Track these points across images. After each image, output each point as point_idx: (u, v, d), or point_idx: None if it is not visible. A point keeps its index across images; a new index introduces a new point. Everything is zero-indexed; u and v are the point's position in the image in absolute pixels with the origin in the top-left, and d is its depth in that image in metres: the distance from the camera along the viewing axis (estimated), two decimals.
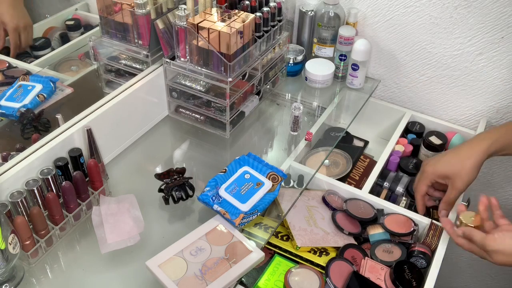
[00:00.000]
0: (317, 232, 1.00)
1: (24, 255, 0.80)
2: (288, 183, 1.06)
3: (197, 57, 1.04)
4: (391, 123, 1.32)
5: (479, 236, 0.81)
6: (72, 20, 1.33)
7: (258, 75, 1.15)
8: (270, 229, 0.92)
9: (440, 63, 1.23)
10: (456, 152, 0.97)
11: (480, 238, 0.81)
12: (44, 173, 0.85)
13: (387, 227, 0.99)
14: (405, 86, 1.31)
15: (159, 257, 0.80)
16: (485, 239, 0.80)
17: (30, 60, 1.20)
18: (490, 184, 1.35)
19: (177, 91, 1.12)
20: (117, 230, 0.84)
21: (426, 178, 1.00)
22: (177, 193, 0.92)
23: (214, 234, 0.86)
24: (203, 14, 1.03)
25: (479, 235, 0.81)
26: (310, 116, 1.21)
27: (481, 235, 0.81)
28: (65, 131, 0.91)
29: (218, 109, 1.09)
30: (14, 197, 0.80)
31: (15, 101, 0.99)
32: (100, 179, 0.91)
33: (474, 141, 0.97)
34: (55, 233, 0.84)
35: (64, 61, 1.22)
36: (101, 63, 1.13)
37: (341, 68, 1.29)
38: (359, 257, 0.97)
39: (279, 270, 0.94)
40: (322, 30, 1.28)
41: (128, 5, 1.02)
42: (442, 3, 1.14)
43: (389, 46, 1.27)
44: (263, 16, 1.07)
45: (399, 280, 0.89)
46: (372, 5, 1.23)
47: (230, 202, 0.88)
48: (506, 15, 1.09)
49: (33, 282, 0.80)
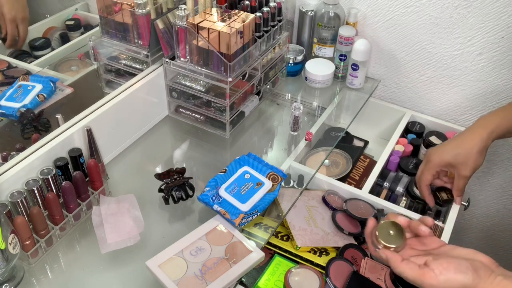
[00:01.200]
0: (317, 232, 1.00)
1: (24, 255, 0.80)
2: (288, 183, 1.06)
3: (197, 57, 1.04)
4: (391, 123, 1.32)
5: (411, 273, 0.61)
6: (72, 20, 1.33)
7: (258, 75, 1.15)
8: (270, 229, 0.92)
9: (440, 63, 1.23)
10: (460, 139, 0.95)
11: (413, 275, 0.60)
12: (44, 173, 0.85)
13: None
14: (405, 86, 1.31)
15: (159, 257, 0.80)
16: (423, 278, 0.59)
17: (30, 60, 1.20)
18: (490, 184, 1.35)
19: (177, 91, 1.12)
20: (117, 230, 0.84)
21: (432, 168, 0.98)
22: (177, 193, 0.92)
23: (214, 234, 0.86)
24: (203, 14, 1.03)
25: (410, 271, 0.61)
26: (310, 116, 1.21)
27: (414, 272, 0.60)
28: (65, 131, 0.91)
29: (218, 109, 1.09)
30: (14, 197, 0.80)
31: (15, 101, 0.99)
32: (100, 179, 0.91)
33: (477, 127, 0.94)
34: (55, 233, 0.84)
35: (64, 61, 1.22)
36: (101, 63, 1.13)
37: (341, 68, 1.29)
38: (359, 257, 0.97)
39: (279, 270, 0.94)
40: (322, 30, 1.28)
41: (128, 5, 1.02)
42: (442, 3, 1.14)
43: (389, 46, 1.27)
44: (263, 16, 1.07)
45: (399, 280, 0.89)
46: (372, 5, 1.23)
47: (230, 202, 0.88)
48: (506, 15, 1.09)
49: (33, 282, 0.80)
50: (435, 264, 0.59)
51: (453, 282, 0.58)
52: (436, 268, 0.59)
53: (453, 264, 0.59)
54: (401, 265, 0.62)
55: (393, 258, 0.63)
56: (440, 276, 0.58)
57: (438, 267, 0.59)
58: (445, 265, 0.59)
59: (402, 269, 0.62)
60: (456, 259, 0.59)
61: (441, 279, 0.58)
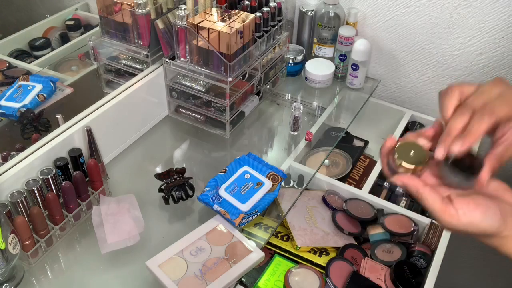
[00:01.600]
0: (317, 232, 1.00)
1: (24, 255, 0.80)
2: (288, 183, 1.06)
3: (197, 57, 1.04)
4: (391, 123, 1.32)
5: (432, 203, 0.52)
6: (72, 20, 1.33)
7: (258, 75, 1.15)
8: (270, 229, 0.92)
9: (440, 63, 1.23)
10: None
11: (433, 207, 0.52)
12: (44, 173, 0.85)
13: (387, 227, 0.99)
14: (405, 86, 1.31)
15: (159, 257, 0.80)
16: (443, 214, 0.52)
17: (30, 60, 1.20)
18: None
19: (177, 91, 1.12)
20: (117, 230, 0.84)
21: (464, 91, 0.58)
22: (177, 193, 0.92)
23: (214, 234, 0.86)
24: (203, 14, 1.03)
25: (432, 200, 0.52)
26: (310, 116, 1.21)
27: (435, 204, 0.52)
28: (65, 131, 0.91)
29: (218, 109, 1.09)
30: (14, 197, 0.80)
31: (15, 101, 0.99)
32: (100, 179, 0.91)
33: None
34: (55, 233, 0.84)
35: (64, 61, 1.22)
36: (101, 63, 1.13)
37: (341, 68, 1.29)
38: (359, 257, 0.97)
39: (279, 270, 0.94)
40: (322, 30, 1.28)
41: (128, 5, 1.02)
42: (442, 3, 1.14)
43: (389, 46, 1.27)
44: (263, 16, 1.07)
45: (399, 280, 0.89)
46: (372, 5, 1.23)
47: (230, 202, 0.88)
48: (506, 15, 1.09)
49: (33, 282, 0.80)
50: (460, 202, 0.52)
51: (475, 227, 0.51)
52: (461, 208, 0.51)
53: (481, 208, 0.51)
54: (424, 190, 0.53)
55: (415, 180, 0.54)
56: (462, 217, 0.51)
57: (463, 207, 0.51)
58: (472, 207, 0.51)
59: (425, 195, 0.53)
60: (485, 201, 0.52)
61: (463, 220, 0.51)
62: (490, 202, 0.52)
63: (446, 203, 0.52)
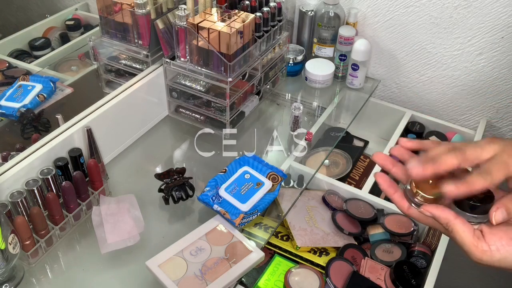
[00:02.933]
0: (317, 232, 1.00)
1: (24, 255, 0.80)
2: (288, 183, 1.06)
3: (197, 57, 1.04)
4: (391, 123, 1.32)
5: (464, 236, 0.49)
6: (72, 20, 1.33)
7: (258, 75, 1.15)
8: (270, 229, 0.92)
9: (440, 63, 1.23)
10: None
11: (465, 240, 0.49)
12: (44, 173, 0.85)
13: (387, 227, 0.99)
14: (405, 86, 1.31)
15: (159, 257, 0.80)
16: (474, 249, 0.48)
17: (30, 60, 1.20)
18: None
19: (177, 91, 1.12)
20: (117, 230, 0.84)
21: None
22: (177, 193, 0.92)
23: (214, 234, 0.86)
24: (203, 14, 1.03)
25: (464, 234, 0.49)
26: (310, 116, 1.21)
27: (467, 237, 0.49)
28: (65, 131, 0.91)
29: (218, 109, 1.09)
30: (14, 197, 0.80)
31: (15, 101, 0.99)
32: (100, 179, 0.91)
33: None
34: (55, 233, 0.84)
35: (64, 61, 1.22)
36: (101, 63, 1.13)
37: (341, 68, 1.29)
38: (359, 257, 0.97)
39: (279, 270, 0.94)
40: (322, 30, 1.28)
41: (128, 5, 1.02)
42: (442, 3, 1.14)
43: (389, 46, 1.27)
44: (263, 16, 1.07)
45: (399, 280, 0.89)
46: (372, 5, 1.23)
47: (230, 202, 0.88)
48: (506, 15, 1.09)
49: (33, 282, 0.80)
50: (492, 237, 0.48)
51: (508, 262, 0.48)
52: (493, 243, 0.48)
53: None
54: (456, 222, 0.49)
55: (446, 211, 0.50)
56: (496, 253, 0.47)
57: (496, 242, 0.48)
58: (505, 241, 0.48)
59: (457, 227, 0.49)
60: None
61: (496, 257, 0.48)
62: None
63: (478, 237, 0.49)
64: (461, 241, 0.49)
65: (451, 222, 0.49)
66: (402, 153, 0.58)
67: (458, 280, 1.63)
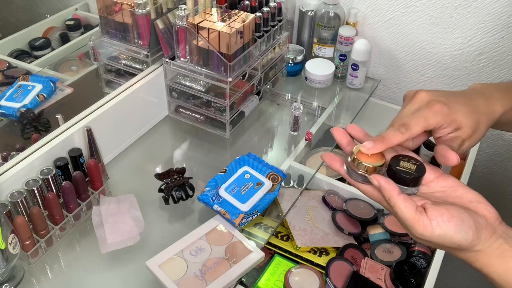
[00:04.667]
0: (317, 232, 1.00)
1: (24, 255, 0.80)
2: (288, 183, 1.06)
3: (197, 57, 1.04)
4: None
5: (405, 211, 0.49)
6: (72, 20, 1.33)
7: (258, 75, 1.15)
8: (270, 229, 0.92)
9: (440, 63, 1.23)
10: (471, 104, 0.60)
11: (406, 216, 0.49)
12: (44, 173, 0.85)
13: (387, 227, 0.99)
14: (405, 86, 1.31)
15: (159, 257, 0.80)
16: (416, 224, 0.48)
17: (30, 60, 1.20)
18: (491, 183, 1.35)
19: (177, 91, 1.12)
20: (117, 230, 0.84)
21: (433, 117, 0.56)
22: (177, 193, 0.92)
23: (214, 234, 0.86)
24: (203, 14, 1.03)
25: (405, 209, 0.49)
26: (310, 116, 1.21)
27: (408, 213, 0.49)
28: (65, 131, 0.91)
29: (218, 109, 1.09)
30: (14, 197, 0.80)
31: (15, 101, 0.99)
32: (100, 179, 0.91)
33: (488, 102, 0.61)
34: (55, 233, 0.84)
35: (64, 61, 1.22)
36: (101, 63, 1.13)
37: (341, 68, 1.29)
38: (359, 257, 0.97)
39: (279, 270, 0.94)
40: (322, 30, 1.28)
41: (128, 5, 1.02)
42: (442, 3, 1.14)
43: (389, 46, 1.27)
44: (263, 16, 1.07)
45: (399, 280, 0.89)
46: (372, 5, 1.23)
47: (230, 202, 0.88)
48: (506, 15, 1.09)
49: (33, 282, 0.80)
50: (434, 212, 0.49)
51: (448, 239, 0.48)
52: (435, 218, 0.48)
53: (455, 220, 0.48)
54: (398, 198, 0.49)
55: (391, 184, 0.50)
56: (436, 229, 0.48)
57: (437, 217, 0.48)
58: (446, 217, 0.48)
59: (399, 201, 0.49)
60: (459, 212, 0.49)
61: (436, 232, 0.48)
62: (465, 214, 0.49)
63: (419, 211, 0.49)
64: (402, 216, 0.49)
65: (393, 197, 0.50)
66: (357, 132, 0.60)
67: (458, 280, 1.63)
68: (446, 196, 0.53)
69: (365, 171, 0.53)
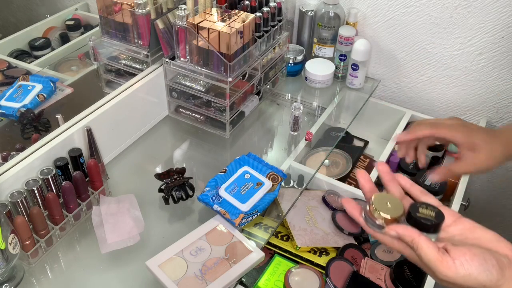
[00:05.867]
0: (317, 232, 1.00)
1: (24, 255, 0.80)
2: (288, 183, 1.06)
3: (197, 57, 1.04)
4: (391, 123, 1.32)
5: (428, 253, 0.48)
6: (72, 20, 1.33)
7: (258, 75, 1.15)
8: (270, 229, 0.92)
9: (440, 63, 1.23)
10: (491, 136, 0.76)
11: (429, 257, 0.48)
12: (44, 173, 0.85)
13: None
14: (405, 86, 1.31)
15: (159, 257, 0.80)
16: (439, 265, 0.48)
17: (30, 60, 1.20)
18: (491, 183, 1.35)
19: (177, 91, 1.12)
20: (117, 230, 0.84)
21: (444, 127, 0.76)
22: (177, 193, 0.92)
23: (214, 234, 0.86)
24: (203, 14, 1.03)
25: (429, 250, 0.49)
26: (310, 116, 1.21)
27: (432, 254, 0.48)
28: (65, 131, 0.91)
29: (218, 109, 1.09)
30: (14, 197, 0.80)
31: (15, 101, 0.99)
32: (100, 179, 0.91)
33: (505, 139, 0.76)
34: (55, 233, 0.84)
35: (64, 61, 1.22)
36: (101, 63, 1.13)
37: (341, 68, 1.29)
38: (359, 257, 0.97)
39: (279, 270, 0.94)
40: (322, 30, 1.28)
41: (128, 5, 1.02)
42: (442, 3, 1.14)
43: (389, 46, 1.27)
44: (263, 16, 1.07)
45: (399, 280, 0.89)
46: (372, 5, 1.23)
47: (230, 202, 0.88)
48: (506, 15, 1.09)
49: (33, 282, 0.80)
50: (456, 252, 0.48)
51: (473, 280, 0.47)
52: (457, 258, 0.48)
53: (478, 259, 0.48)
54: (420, 239, 0.49)
55: (409, 229, 0.50)
56: (459, 268, 0.47)
57: (460, 257, 0.48)
58: (468, 257, 0.48)
59: (421, 244, 0.49)
60: (481, 252, 0.49)
61: (460, 272, 0.47)
62: (487, 253, 0.48)
63: (442, 252, 0.49)
64: (426, 258, 0.49)
65: (416, 239, 0.50)
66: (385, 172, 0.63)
67: None
68: (465, 238, 0.53)
69: (383, 222, 0.53)
